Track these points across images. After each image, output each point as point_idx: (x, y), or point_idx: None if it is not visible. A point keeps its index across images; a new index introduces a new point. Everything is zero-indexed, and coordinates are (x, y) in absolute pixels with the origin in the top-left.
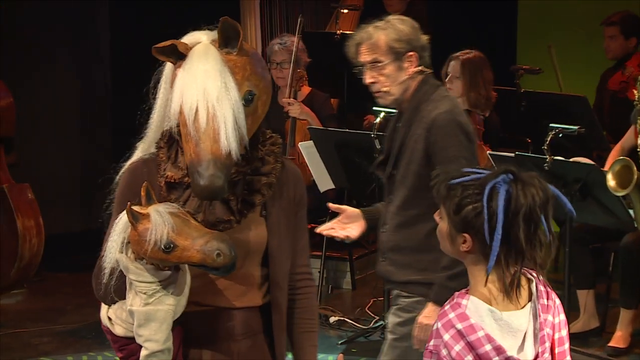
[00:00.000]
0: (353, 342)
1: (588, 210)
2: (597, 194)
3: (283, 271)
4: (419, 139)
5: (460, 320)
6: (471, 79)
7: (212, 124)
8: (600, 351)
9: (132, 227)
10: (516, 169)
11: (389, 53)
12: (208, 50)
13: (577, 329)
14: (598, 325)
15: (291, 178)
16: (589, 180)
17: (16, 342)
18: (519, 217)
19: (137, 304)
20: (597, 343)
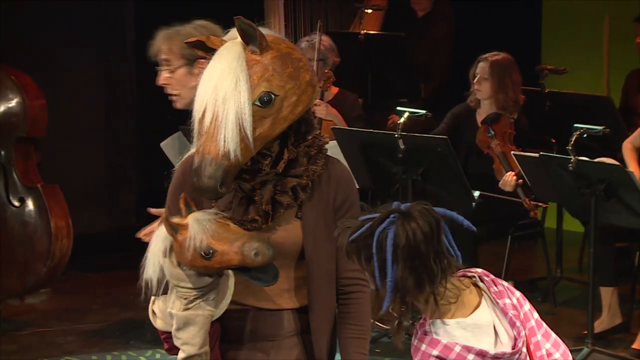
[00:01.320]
0: (376, 342)
1: (612, 211)
2: (622, 194)
3: (321, 274)
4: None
5: (433, 346)
6: (500, 81)
7: (214, 124)
8: (625, 352)
9: (173, 238)
10: (402, 205)
11: (181, 57)
12: (231, 49)
13: (602, 327)
14: (621, 321)
15: (333, 181)
16: (614, 181)
17: (41, 341)
18: (399, 253)
19: (177, 307)
20: (621, 344)
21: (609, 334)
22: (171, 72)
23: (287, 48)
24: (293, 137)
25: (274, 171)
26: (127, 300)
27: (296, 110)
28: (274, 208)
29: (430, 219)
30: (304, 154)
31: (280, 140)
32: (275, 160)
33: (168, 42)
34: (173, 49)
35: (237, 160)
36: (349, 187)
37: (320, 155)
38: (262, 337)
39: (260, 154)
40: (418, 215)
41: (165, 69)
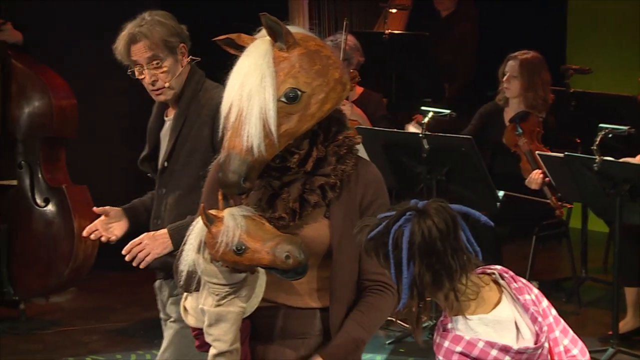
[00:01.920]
0: (401, 342)
1: (637, 211)
2: None
3: (344, 274)
4: (203, 126)
5: (456, 342)
6: (529, 79)
7: (239, 119)
8: None
9: (207, 229)
10: (418, 202)
11: (165, 48)
12: (259, 46)
13: (626, 328)
14: None
15: (361, 182)
16: (639, 181)
17: (66, 340)
18: (415, 251)
19: (209, 303)
20: None
21: (634, 335)
22: (159, 66)
23: (315, 45)
24: (322, 135)
25: (303, 170)
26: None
27: (324, 107)
28: (301, 206)
29: (446, 216)
30: (333, 153)
31: (310, 138)
32: (304, 158)
33: (145, 39)
34: (154, 43)
35: (262, 155)
36: (378, 189)
37: (351, 155)
38: (292, 335)
39: (288, 152)
40: (434, 213)
41: (150, 66)
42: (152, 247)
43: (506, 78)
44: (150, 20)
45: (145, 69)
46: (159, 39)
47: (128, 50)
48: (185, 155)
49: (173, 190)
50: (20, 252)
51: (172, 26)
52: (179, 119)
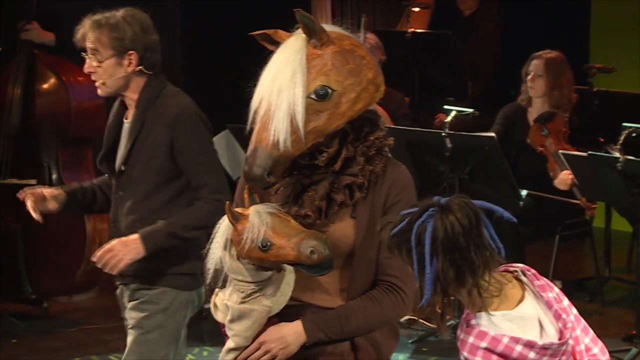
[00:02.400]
0: (423, 341)
1: None
2: None
3: (362, 274)
4: (160, 135)
5: (481, 338)
6: (555, 79)
7: (268, 114)
8: None
9: (233, 226)
10: (441, 198)
11: (110, 48)
12: (294, 42)
13: None
14: None
15: (387, 182)
16: None
17: (88, 338)
18: (438, 246)
19: (233, 300)
20: None
21: None
22: (99, 62)
23: (350, 45)
24: (353, 135)
25: (331, 169)
26: None
27: (355, 107)
28: (328, 205)
29: (469, 212)
30: (362, 154)
31: (340, 138)
32: (333, 157)
33: (97, 31)
34: (102, 39)
35: (288, 150)
36: (403, 190)
37: (380, 156)
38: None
39: (318, 150)
40: (456, 209)
41: (92, 58)
42: (124, 254)
43: (531, 77)
44: (114, 17)
45: (88, 57)
46: (108, 37)
47: (84, 35)
48: (143, 162)
49: (130, 195)
50: (36, 251)
51: (129, 32)
52: (135, 124)
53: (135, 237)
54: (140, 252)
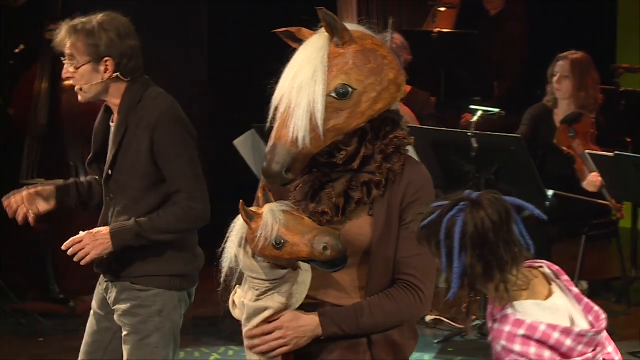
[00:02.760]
0: (449, 341)
1: None
2: None
3: (379, 272)
4: (142, 139)
5: (518, 326)
6: (581, 79)
7: (288, 111)
8: None
9: (247, 225)
10: (472, 192)
11: (85, 54)
12: (316, 41)
13: None
14: None
15: (405, 181)
16: None
17: None
18: (467, 241)
19: (249, 298)
20: None
21: None
22: (76, 67)
23: (372, 44)
24: (372, 134)
25: (349, 167)
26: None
27: (375, 106)
28: (345, 202)
29: (499, 208)
30: (380, 152)
31: (359, 136)
32: (351, 156)
33: (73, 37)
34: (78, 45)
35: (306, 148)
36: (421, 189)
37: (398, 154)
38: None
39: (336, 148)
40: (487, 204)
41: (69, 63)
42: (91, 248)
43: (557, 79)
44: (90, 23)
45: (65, 62)
46: (83, 43)
47: (63, 39)
48: (129, 167)
49: (120, 199)
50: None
51: (107, 38)
52: (119, 129)
53: (105, 232)
54: (108, 248)
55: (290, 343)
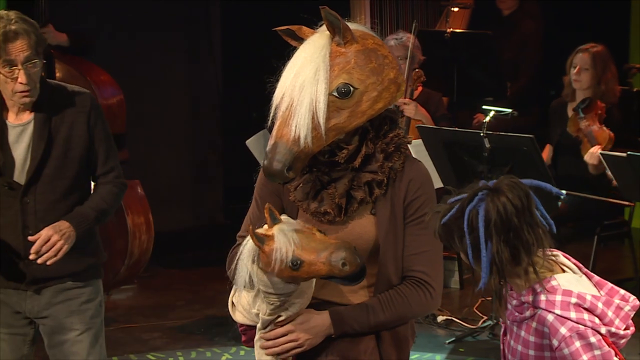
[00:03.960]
0: (461, 341)
1: None
2: None
3: (389, 272)
4: (77, 125)
5: (569, 295)
6: (601, 72)
7: (289, 110)
8: None
9: (260, 249)
10: (489, 182)
11: (38, 49)
12: (317, 39)
13: None
14: None
15: (405, 180)
16: None
17: (127, 337)
18: (492, 229)
19: (263, 310)
20: None
21: None
22: (36, 65)
23: (374, 44)
24: (373, 133)
25: (351, 166)
26: (211, 297)
27: (376, 105)
28: (347, 202)
29: (519, 192)
30: (381, 151)
31: (360, 135)
32: (352, 154)
33: (29, 36)
34: (34, 42)
35: (308, 147)
36: (422, 187)
37: (399, 153)
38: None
39: (338, 147)
40: (507, 189)
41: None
42: (64, 242)
43: (576, 70)
44: (19, 18)
45: (20, 68)
46: (35, 38)
47: (4, 47)
48: (56, 158)
49: (44, 197)
50: None
51: (38, 27)
52: (44, 123)
53: (67, 224)
54: (73, 239)
55: (303, 344)
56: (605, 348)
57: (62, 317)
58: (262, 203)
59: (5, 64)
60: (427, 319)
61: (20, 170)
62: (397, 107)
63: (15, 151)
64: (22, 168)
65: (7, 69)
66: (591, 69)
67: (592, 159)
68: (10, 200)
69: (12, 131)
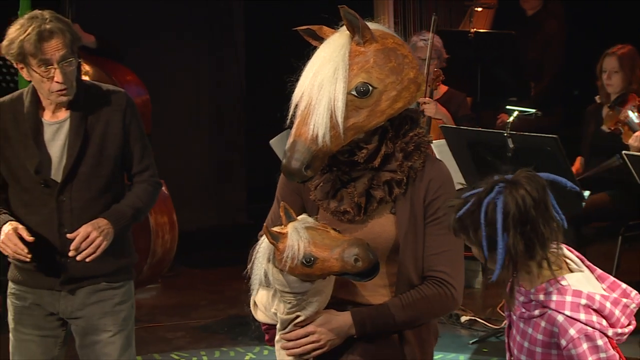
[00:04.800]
0: (484, 341)
1: None
2: None
3: (409, 271)
4: (113, 123)
5: (578, 296)
6: (631, 72)
7: (308, 108)
8: None
9: (274, 246)
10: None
11: (73, 47)
12: (337, 39)
13: None
14: None
15: (426, 179)
16: None
17: (151, 337)
18: (509, 221)
19: (281, 310)
20: None
21: None
22: (71, 64)
23: (393, 43)
24: (392, 133)
25: (370, 165)
26: (234, 297)
27: (395, 105)
28: (367, 201)
29: (537, 185)
30: (401, 150)
31: (380, 135)
32: (372, 154)
33: (64, 35)
34: (69, 41)
35: (326, 145)
36: (442, 186)
37: (418, 152)
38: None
39: (357, 147)
40: (525, 182)
41: (65, 64)
42: (102, 238)
43: (607, 75)
44: (54, 18)
45: (56, 67)
46: (70, 37)
47: (39, 47)
48: (92, 156)
49: (80, 195)
50: None
51: (72, 26)
52: (80, 121)
53: (105, 221)
54: (112, 236)
55: (325, 345)
56: (610, 352)
57: (95, 318)
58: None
59: (41, 64)
60: (451, 319)
61: (56, 167)
62: (418, 106)
63: (51, 149)
64: (58, 166)
65: (43, 69)
66: (620, 72)
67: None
68: (46, 197)
69: (48, 129)
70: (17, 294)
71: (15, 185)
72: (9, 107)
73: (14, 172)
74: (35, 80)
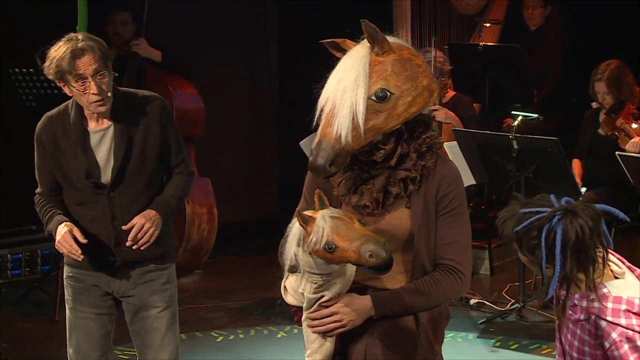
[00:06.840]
0: (491, 322)
1: None
2: None
3: (422, 260)
4: (151, 125)
5: (619, 302)
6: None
7: (332, 111)
8: None
9: (304, 228)
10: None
11: (105, 60)
12: (359, 50)
13: None
14: None
15: (437, 177)
16: None
17: (193, 317)
18: (568, 248)
19: (307, 290)
20: None
21: None
22: (105, 76)
23: (409, 54)
24: (407, 135)
25: (387, 164)
26: (268, 282)
27: (410, 109)
28: (384, 197)
29: (593, 214)
30: (415, 150)
31: (396, 136)
32: (389, 154)
33: (94, 51)
34: (100, 55)
35: (349, 144)
36: (452, 184)
37: (431, 153)
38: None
39: (376, 148)
40: (582, 212)
41: (98, 77)
42: (155, 228)
43: (600, 97)
44: (85, 37)
45: (90, 81)
46: (100, 53)
47: (73, 64)
48: (136, 157)
49: (127, 191)
50: None
51: (103, 43)
52: (122, 127)
53: (154, 212)
54: (161, 224)
55: (347, 325)
56: None
57: (146, 295)
58: (309, 198)
59: (77, 79)
60: (461, 302)
61: (103, 170)
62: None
63: (98, 154)
64: (105, 168)
65: (79, 84)
66: (610, 93)
67: (635, 147)
68: (98, 196)
69: (93, 136)
70: (76, 277)
71: (69, 187)
72: (57, 119)
73: (67, 177)
74: (75, 95)
